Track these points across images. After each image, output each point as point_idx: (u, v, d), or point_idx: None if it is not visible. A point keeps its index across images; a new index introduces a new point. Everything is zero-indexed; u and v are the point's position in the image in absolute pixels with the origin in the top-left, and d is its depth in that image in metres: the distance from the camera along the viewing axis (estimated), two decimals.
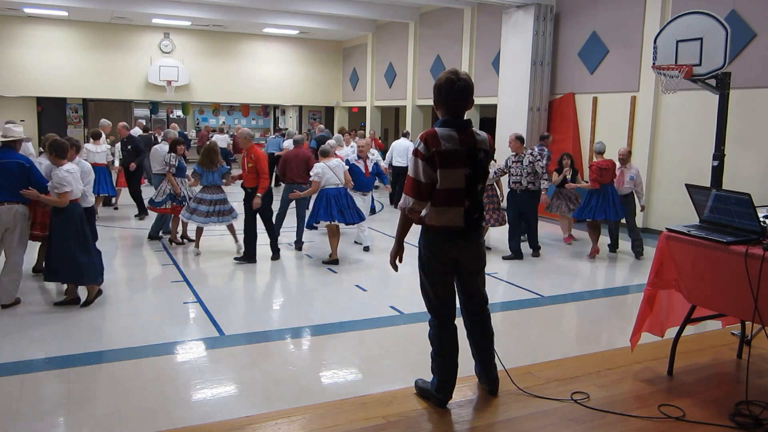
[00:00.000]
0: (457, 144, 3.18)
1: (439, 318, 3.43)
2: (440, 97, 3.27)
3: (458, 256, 3.33)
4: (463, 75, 3.24)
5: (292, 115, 24.15)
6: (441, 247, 3.30)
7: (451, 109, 3.27)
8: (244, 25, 17.63)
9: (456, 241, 3.29)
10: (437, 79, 3.28)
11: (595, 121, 11.09)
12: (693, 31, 7.77)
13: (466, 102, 3.27)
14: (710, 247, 3.61)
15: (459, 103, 3.25)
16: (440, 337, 3.44)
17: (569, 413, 3.49)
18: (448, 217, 3.24)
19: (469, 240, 3.33)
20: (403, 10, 15.72)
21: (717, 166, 7.95)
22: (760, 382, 3.97)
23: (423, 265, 3.40)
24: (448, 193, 3.21)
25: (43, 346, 4.84)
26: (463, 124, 3.27)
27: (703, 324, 4.53)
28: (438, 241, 3.30)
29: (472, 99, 3.30)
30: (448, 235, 3.28)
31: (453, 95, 3.23)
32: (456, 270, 3.38)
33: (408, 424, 3.35)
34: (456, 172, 3.19)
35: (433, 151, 3.14)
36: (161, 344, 4.88)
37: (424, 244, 3.37)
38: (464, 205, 3.24)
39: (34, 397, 3.91)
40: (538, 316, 5.96)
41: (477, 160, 3.24)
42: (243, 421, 3.46)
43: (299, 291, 6.88)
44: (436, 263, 3.34)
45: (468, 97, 3.26)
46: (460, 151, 3.19)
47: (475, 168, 3.24)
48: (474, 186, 3.26)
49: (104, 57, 17.95)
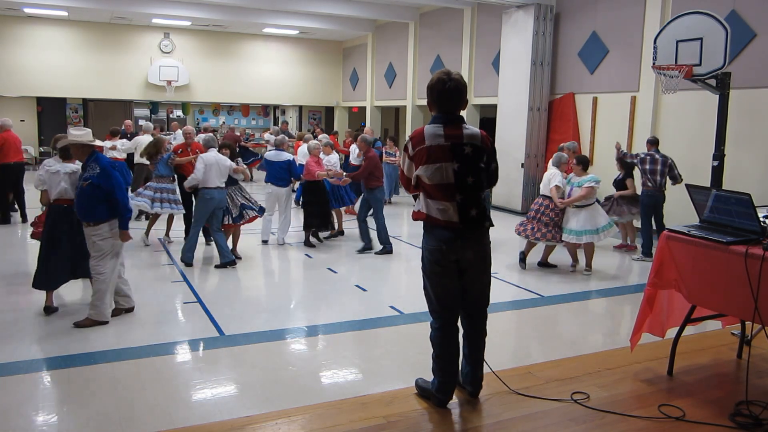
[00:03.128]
0: (441, 139, 3.25)
1: (441, 320, 3.43)
2: (432, 97, 3.35)
3: (459, 257, 3.33)
4: (455, 75, 3.28)
5: (292, 115, 24.14)
6: (440, 250, 3.31)
7: (442, 109, 3.33)
8: (244, 25, 17.64)
9: (455, 241, 3.29)
10: (430, 80, 3.35)
11: (595, 121, 11.09)
12: (693, 31, 7.78)
13: (458, 102, 3.33)
14: (710, 247, 3.61)
15: (450, 102, 3.31)
16: (441, 339, 3.44)
17: (569, 413, 3.49)
18: (444, 211, 3.27)
19: (468, 240, 3.32)
20: (403, 10, 15.73)
21: (717, 166, 7.95)
22: (760, 382, 3.98)
23: (425, 267, 3.43)
24: (440, 188, 3.26)
25: (43, 346, 4.85)
26: (452, 119, 3.32)
27: (703, 324, 4.53)
28: (438, 243, 3.31)
29: (466, 99, 3.36)
30: (448, 236, 3.28)
31: (444, 95, 3.29)
32: (458, 271, 3.38)
33: (408, 424, 3.36)
34: (443, 166, 3.24)
35: (417, 150, 3.27)
36: (161, 344, 4.88)
37: (426, 246, 3.39)
38: (456, 200, 3.25)
39: (35, 397, 3.91)
40: (538, 316, 5.96)
41: (463, 154, 3.26)
42: (243, 421, 3.46)
43: (299, 291, 6.87)
44: (436, 266, 3.35)
45: (459, 96, 3.31)
46: (444, 146, 3.24)
47: (462, 162, 3.25)
48: (464, 180, 3.26)
49: (104, 57, 17.96)
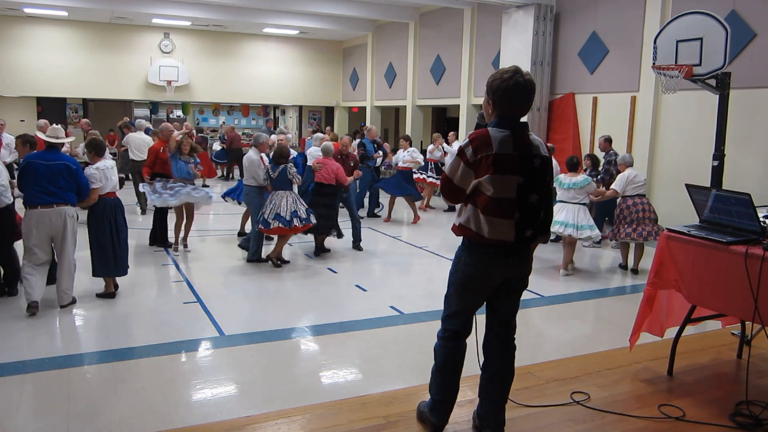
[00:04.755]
0: (510, 148, 2.84)
1: (453, 332, 3.14)
2: (496, 96, 2.88)
3: (507, 276, 3.00)
4: (526, 74, 2.89)
5: (292, 115, 24.15)
6: (488, 268, 2.95)
7: (509, 111, 2.90)
8: (244, 25, 17.64)
9: (506, 260, 2.94)
10: (491, 76, 2.92)
11: (595, 121, 11.09)
12: (693, 31, 7.77)
13: (529, 103, 2.92)
14: (710, 247, 3.61)
15: (520, 103, 2.89)
16: (447, 353, 3.16)
17: (569, 413, 3.49)
18: (497, 230, 2.85)
19: (517, 257, 2.97)
20: (403, 10, 15.72)
21: (717, 166, 7.94)
22: (760, 382, 3.98)
23: (458, 282, 3.05)
24: (498, 203, 2.82)
25: (43, 346, 4.85)
26: (521, 126, 2.92)
27: (703, 324, 4.53)
28: (486, 260, 2.94)
29: (531, 102, 2.95)
30: (497, 254, 2.92)
31: (515, 94, 2.85)
32: (495, 289, 3.05)
33: (408, 424, 3.35)
34: (507, 179, 2.82)
35: (481, 157, 2.82)
36: (161, 344, 4.88)
37: (468, 262, 2.99)
38: (515, 218, 2.84)
39: (34, 397, 3.91)
40: (538, 316, 5.96)
41: (532, 167, 2.88)
42: (243, 421, 3.46)
43: (299, 291, 6.87)
44: (477, 283, 3.00)
45: (529, 98, 2.90)
46: (513, 156, 2.83)
47: (529, 176, 2.86)
48: (526, 197, 2.86)
49: (104, 57, 17.96)
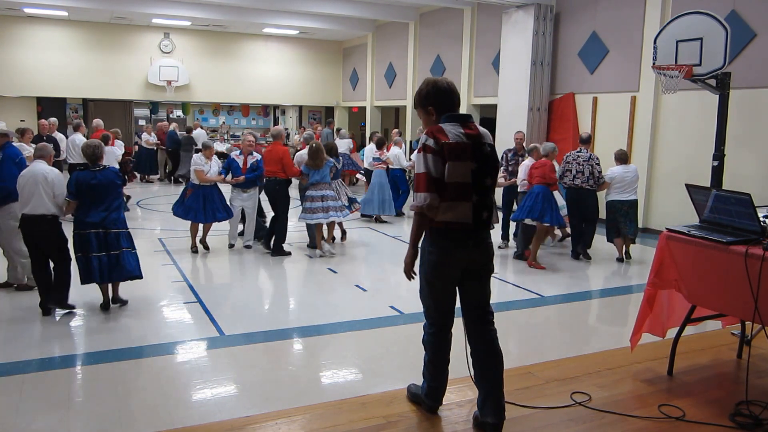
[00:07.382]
0: (462, 137, 3.13)
1: (436, 325, 3.34)
2: (429, 100, 3.26)
3: (468, 260, 3.19)
4: (442, 77, 3.31)
5: (292, 115, 24.14)
6: (451, 253, 3.16)
7: (448, 108, 3.26)
8: (244, 25, 17.63)
9: (466, 243, 3.15)
10: (417, 93, 3.33)
11: (595, 121, 11.09)
12: (693, 31, 7.77)
13: (457, 99, 3.29)
14: (710, 247, 3.61)
15: (452, 98, 3.26)
16: (434, 344, 3.36)
17: (569, 413, 3.50)
18: (456, 212, 3.11)
19: (478, 240, 3.19)
20: (403, 10, 15.71)
21: (717, 166, 7.95)
22: (760, 382, 3.98)
23: (426, 272, 3.25)
24: (456, 187, 3.10)
25: (44, 346, 4.85)
26: (465, 118, 3.24)
27: (703, 324, 4.53)
28: (447, 245, 3.15)
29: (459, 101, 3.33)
30: (458, 237, 3.14)
31: (445, 93, 3.25)
32: (462, 275, 3.24)
33: (408, 424, 3.36)
34: (463, 165, 3.11)
35: (442, 143, 3.09)
36: (161, 344, 4.88)
37: (431, 250, 3.20)
38: (472, 200, 3.13)
39: (34, 397, 3.91)
40: (538, 316, 5.96)
41: (483, 153, 3.18)
42: (243, 421, 3.46)
43: (299, 291, 6.87)
44: (443, 270, 3.21)
45: (456, 95, 3.28)
46: (466, 144, 3.13)
47: (481, 162, 3.16)
48: (481, 181, 3.16)
49: (104, 57, 17.94)
